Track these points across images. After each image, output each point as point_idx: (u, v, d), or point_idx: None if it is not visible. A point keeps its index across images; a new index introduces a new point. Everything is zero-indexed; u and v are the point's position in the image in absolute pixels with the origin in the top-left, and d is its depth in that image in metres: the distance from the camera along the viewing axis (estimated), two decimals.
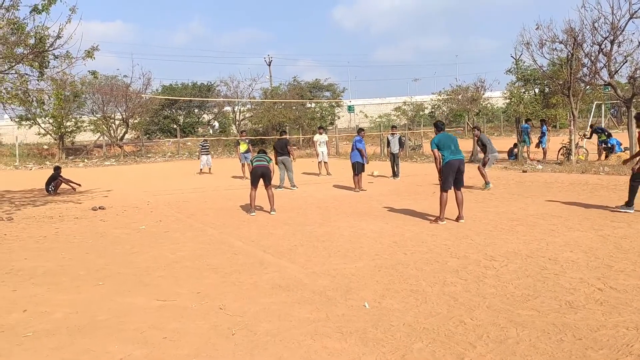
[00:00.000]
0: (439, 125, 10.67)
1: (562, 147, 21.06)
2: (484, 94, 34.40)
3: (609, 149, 21.57)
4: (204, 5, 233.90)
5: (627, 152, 18.51)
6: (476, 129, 16.29)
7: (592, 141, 22.89)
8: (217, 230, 10.45)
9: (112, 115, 40.03)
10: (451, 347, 4.51)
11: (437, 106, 50.87)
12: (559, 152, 21.31)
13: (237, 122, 43.58)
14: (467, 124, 43.97)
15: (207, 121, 48.95)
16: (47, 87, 16.40)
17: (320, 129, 22.54)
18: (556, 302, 5.47)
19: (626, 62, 19.84)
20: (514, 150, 23.30)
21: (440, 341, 4.64)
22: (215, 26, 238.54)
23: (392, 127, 20.78)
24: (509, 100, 37.04)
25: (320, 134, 21.59)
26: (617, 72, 20.07)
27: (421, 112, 53.24)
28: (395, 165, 18.67)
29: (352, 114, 55.31)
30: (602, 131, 22.02)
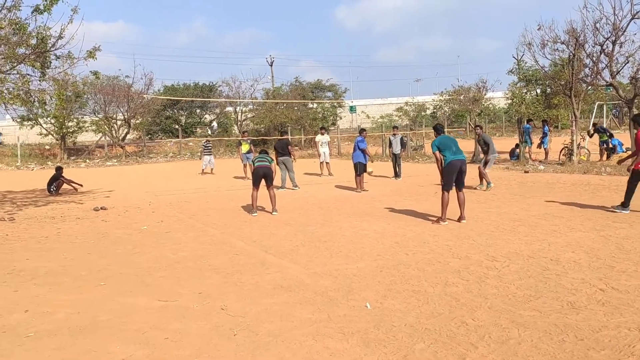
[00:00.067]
0: (438, 128, 10.84)
1: (563, 147, 21.04)
2: (485, 94, 34.44)
3: (611, 149, 21.57)
4: (206, 5, 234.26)
5: (629, 152, 18.51)
6: (478, 128, 16.29)
7: (594, 142, 22.88)
8: (218, 230, 10.46)
9: (114, 115, 40.06)
10: (453, 347, 4.51)
11: (438, 107, 50.88)
12: (560, 152, 21.29)
13: (239, 123, 43.61)
14: (469, 124, 44.01)
15: (208, 121, 48.96)
16: (48, 88, 16.37)
17: (322, 129, 22.57)
18: (558, 303, 5.46)
19: (628, 62, 19.89)
20: (516, 150, 23.29)
21: (442, 342, 4.63)
22: (217, 26, 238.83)
23: (393, 128, 20.78)
24: (510, 100, 37.03)
25: (322, 134, 21.61)
26: (618, 72, 20.09)
27: (423, 113, 53.29)
28: (397, 165, 18.67)
29: (354, 115, 55.34)
30: (604, 131, 22.01)
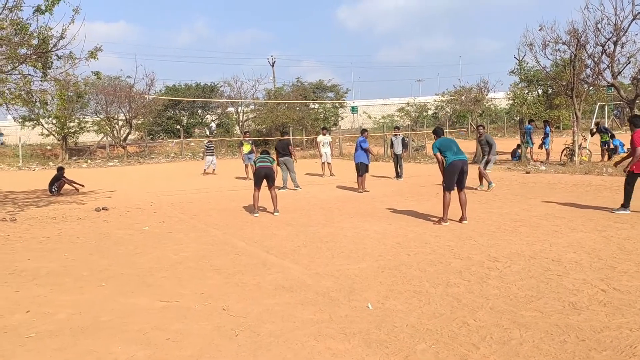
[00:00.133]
0: (438, 131, 10.93)
1: (565, 148, 21.03)
2: (487, 94, 34.49)
3: (612, 150, 21.55)
4: (208, 6, 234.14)
5: (629, 152, 18.47)
6: (481, 127, 16.30)
7: (595, 142, 22.86)
8: (220, 231, 10.46)
9: (116, 115, 40.04)
10: (454, 348, 4.51)
11: (440, 107, 50.95)
12: (562, 153, 21.28)
13: (240, 123, 43.61)
14: (470, 124, 44.02)
15: (210, 121, 48.95)
16: (50, 88, 16.39)
17: (323, 129, 22.59)
18: (559, 303, 5.46)
19: (629, 63, 19.91)
20: (517, 151, 23.28)
21: (443, 342, 4.63)
22: (218, 27, 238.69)
23: (395, 128, 20.78)
24: (512, 101, 37.03)
25: (323, 134, 21.63)
26: (620, 73, 20.10)
27: (424, 113, 53.31)
28: (398, 166, 18.67)
29: (356, 115, 55.38)
30: (606, 131, 21.99)
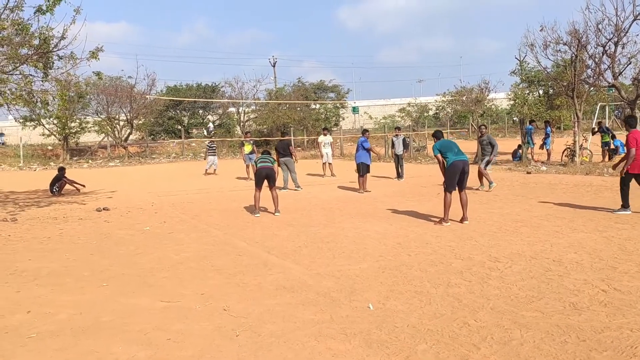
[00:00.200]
0: (437, 134, 11.01)
1: (566, 148, 21.02)
2: (488, 95, 34.43)
3: (613, 150, 21.54)
4: (209, 6, 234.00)
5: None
6: (483, 127, 16.31)
7: (596, 142, 22.85)
8: (221, 231, 10.46)
9: (117, 116, 40.10)
10: (455, 348, 4.51)
11: (441, 107, 50.94)
12: (563, 153, 21.27)
13: (241, 123, 43.64)
14: (472, 125, 44.01)
15: (208, 121, 48.95)
16: (51, 88, 16.44)
17: (324, 130, 22.60)
18: (560, 304, 5.46)
19: (630, 63, 19.85)
20: (518, 151, 23.27)
21: (444, 342, 4.63)
22: (220, 27, 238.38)
23: (395, 129, 20.78)
24: (513, 101, 37.03)
25: (324, 135, 21.63)
26: (621, 73, 20.05)
27: (425, 114, 53.30)
28: (399, 166, 18.68)
29: (357, 115, 55.37)
30: (608, 131, 21.99)
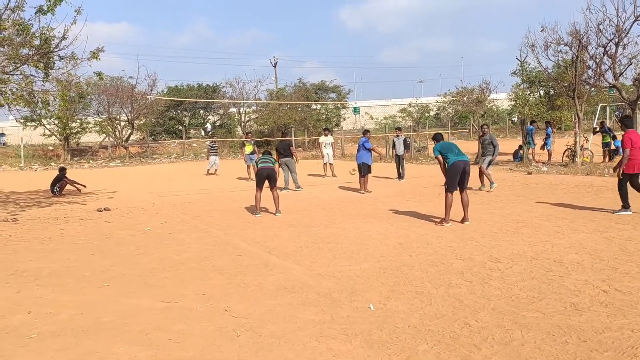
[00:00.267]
0: (437, 137, 11.04)
1: (567, 149, 21.02)
2: (489, 95, 34.41)
3: (614, 151, 21.52)
4: (210, 6, 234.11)
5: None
6: (485, 126, 16.32)
7: (597, 143, 22.84)
8: (222, 231, 10.46)
9: (118, 116, 40.09)
10: (456, 349, 4.51)
11: (442, 108, 50.91)
12: (563, 154, 21.27)
13: (242, 124, 43.65)
14: (472, 125, 43.99)
15: (209, 122, 48.95)
16: (52, 88, 16.42)
17: (325, 130, 22.60)
18: (561, 304, 5.46)
19: (631, 64, 19.81)
20: (519, 152, 23.26)
21: (445, 343, 4.63)
22: (221, 27, 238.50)
23: (396, 129, 20.78)
24: (514, 102, 37.04)
25: (325, 135, 21.64)
26: (622, 74, 20.02)
27: (426, 114, 53.27)
28: (400, 167, 18.68)
29: (358, 116, 55.38)
30: (609, 131, 21.98)
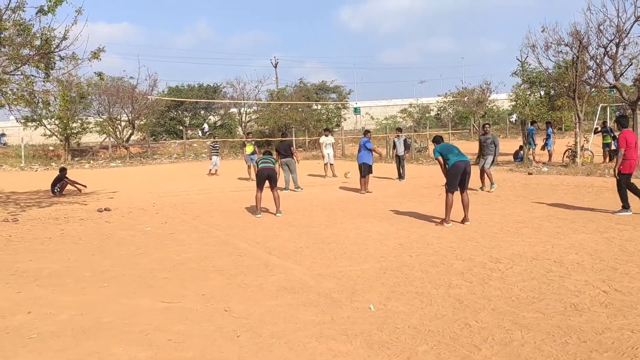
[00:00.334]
0: (437, 139, 11.04)
1: (567, 149, 21.01)
2: (489, 96, 34.50)
3: (614, 151, 21.50)
4: (211, 7, 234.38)
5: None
6: (487, 125, 16.33)
7: (597, 144, 22.83)
8: (222, 232, 10.46)
9: (118, 116, 40.08)
10: (456, 349, 4.51)
11: (442, 108, 50.94)
12: (564, 154, 21.26)
13: (243, 124, 43.65)
14: (473, 126, 44.00)
15: (206, 122, 48.94)
16: (53, 89, 16.41)
17: (326, 130, 22.58)
18: (561, 305, 5.46)
19: (632, 64, 19.79)
20: (520, 152, 23.25)
21: (445, 343, 4.63)
22: (221, 28, 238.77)
23: (397, 130, 20.77)
24: (514, 102, 37.08)
25: (326, 135, 21.62)
26: (622, 74, 20.00)
27: (427, 114, 53.29)
28: (400, 167, 18.67)
29: (358, 116, 55.36)
30: (610, 132, 21.97)
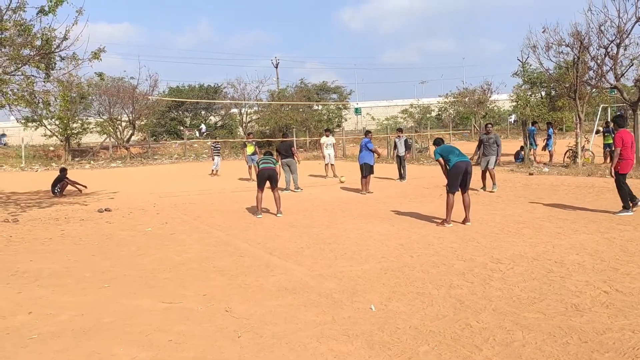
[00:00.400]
0: (438, 141, 11.06)
1: (568, 150, 21.00)
2: (490, 96, 34.46)
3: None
4: (212, 7, 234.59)
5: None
6: (490, 125, 16.32)
7: (598, 144, 22.82)
8: (223, 232, 10.46)
9: (119, 117, 40.09)
10: (457, 350, 4.50)
11: (443, 109, 50.88)
12: (565, 155, 21.25)
13: (244, 124, 43.66)
14: (474, 126, 43.97)
15: (203, 123, 48.96)
16: (53, 89, 16.40)
17: (327, 131, 22.56)
18: (562, 305, 5.45)
19: (632, 65, 19.79)
20: (521, 153, 23.24)
21: (446, 344, 4.63)
22: (222, 29, 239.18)
23: (398, 130, 20.76)
24: (515, 103, 37.05)
25: (327, 136, 21.60)
26: (623, 75, 19.99)
27: (428, 115, 53.28)
28: (401, 167, 18.67)
29: (359, 117, 55.35)
30: (612, 132, 21.93)
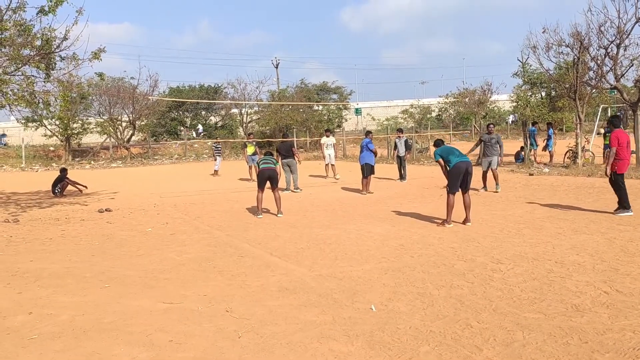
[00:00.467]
0: (438, 142, 11.06)
1: (568, 150, 21.00)
2: (490, 97, 34.44)
3: None
4: (212, 7, 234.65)
5: (634, 155, 18.44)
6: (492, 125, 16.32)
7: (598, 144, 22.81)
8: (223, 232, 10.46)
9: (119, 117, 40.07)
10: (458, 350, 4.50)
11: (444, 109, 50.87)
12: (565, 155, 21.25)
13: (244, 125, 43.66)
14: (474, 126, 43.96)
15: (200, 123, 48.93)
16: (53, 89, 16.40)
17: (327, 131, 22.53)
18: (562, 305, 5.45)
19: (632, 65, 19.77)
20: (521, 153, 23.24)
21: (446, 344, 4.63)
22: (223, 29, 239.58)
23: (398, 130, 20.76)
24: (515, 103, 37.06)
25: (327, 136, 21.58)
26: (623, 75, 19.98)
27: (428, 115, 53.25)
28: (402, 168, 18.68)
29: (360, 117, 55.36)
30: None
